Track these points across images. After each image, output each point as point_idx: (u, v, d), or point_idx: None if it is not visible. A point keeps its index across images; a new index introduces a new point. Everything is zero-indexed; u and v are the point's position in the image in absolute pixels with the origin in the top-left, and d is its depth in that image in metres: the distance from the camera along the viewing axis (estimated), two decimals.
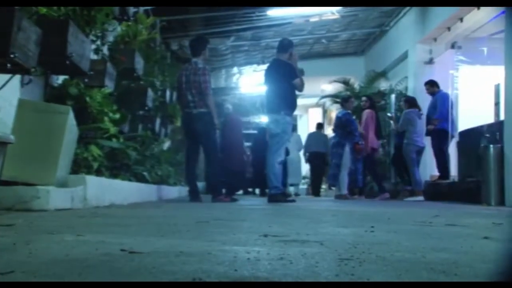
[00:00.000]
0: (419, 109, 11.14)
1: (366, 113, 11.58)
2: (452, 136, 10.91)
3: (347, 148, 10.97)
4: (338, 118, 11.26)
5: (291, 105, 7.91)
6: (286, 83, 7.79)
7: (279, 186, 7.82)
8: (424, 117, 10.99)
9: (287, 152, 10.49)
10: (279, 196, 7.76)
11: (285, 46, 8.10)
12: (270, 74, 8.10)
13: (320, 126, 16.69)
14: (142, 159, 7.73)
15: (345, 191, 11.07)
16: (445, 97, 10.88)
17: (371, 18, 14.90)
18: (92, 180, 4.72)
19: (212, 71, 16.16)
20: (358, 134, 11.19)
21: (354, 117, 11.59)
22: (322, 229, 3.00)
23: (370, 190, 12.58)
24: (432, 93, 10.97)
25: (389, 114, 12.59)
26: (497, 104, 9.72)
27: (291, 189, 16.03)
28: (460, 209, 6.58)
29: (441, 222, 3.79)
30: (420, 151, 11.01)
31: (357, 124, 11.41)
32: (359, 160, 11.46)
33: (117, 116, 6.21)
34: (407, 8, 13.46)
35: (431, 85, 11.05)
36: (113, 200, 5.32)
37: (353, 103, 11.74)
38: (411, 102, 11.28)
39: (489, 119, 9.87)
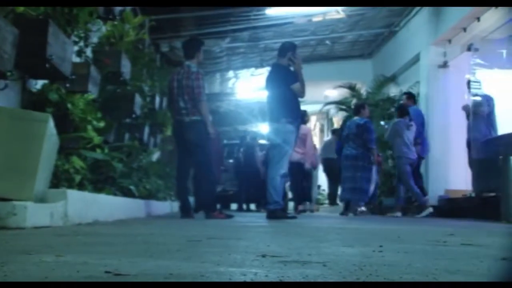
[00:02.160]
0: (410, 119, 11.10)
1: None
2: (422, 158, 11.02)
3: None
4: (359, 125, 11.16)
5: (292, 112, 7.91)
6: (286, 89, 7.81)
7: (279, 201, 7.83)
8: (414, 128, 11.00)
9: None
10: (279, 212, 7.76)
11: (283, 49, 8.14)
12: (269, 80, 8.14)
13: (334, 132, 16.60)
14: (128, 172, 7.72)
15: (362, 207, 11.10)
16: (417, 113, 10.97)
17: (379, 17, 14.94)
18: (73, 195, 4.71)
19: (206, 75, 16.18)
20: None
21: None
22: (325, 249, 3.00)
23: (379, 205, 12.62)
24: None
25: (382, 123, 12.62)
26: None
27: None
28: (477, 226, 6.58)
29: (456, 241, 3.80)
30: (412, 163, 10.98)
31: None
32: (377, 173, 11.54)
33: (102, 124, 6.21)
34: (419, 7, 13.51)
35: (408, 98, 11.15)
36: (96, 217, 5.31)
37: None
38: (402, 111, 11.24)
39: (509, 127, 9.89)
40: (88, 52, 6.91)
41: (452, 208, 10.79)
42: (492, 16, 10.76)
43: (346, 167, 11.19)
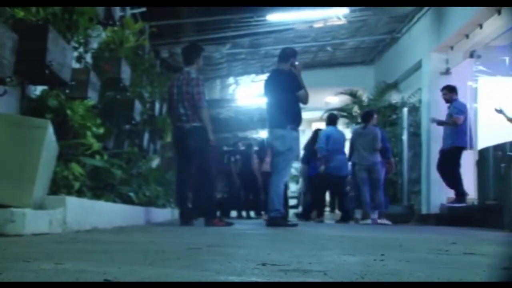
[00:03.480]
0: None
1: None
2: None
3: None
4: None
5: (297, 119, 7.93)
6: (289, 95, 7.81)
7: (280, 209, 7.83)
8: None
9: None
10: (280, 220, 7.76)
11: (286, 55, 8.15)
12: (270, 86, 8.14)
13: None
14: (128, 178, 7.72)
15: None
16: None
17: (381, 24, 14.96)
18: (72, 202, 4.72)
19: (206, 81, 16.17)
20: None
21: None
22: (326, 257, 3.00)
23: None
24: (449, 100, 11.00)
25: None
26: None
27: None
28: (480, 235, 6.58)
29: (458, 250, 3.79)
30: (368, 170, 11.09)
31: None
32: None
33: (101, 130, 6.21)
34: (421, 13, 13.53)
35: (449, 91, 11.06)
36: (95, 224, 5.31)
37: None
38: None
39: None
40: (88, 58, 6.92)
41: (455, 216, 10.78)
42: (494, 23, 10.77)
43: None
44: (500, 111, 10.58)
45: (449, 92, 11.03)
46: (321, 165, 12.23)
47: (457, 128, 10.62)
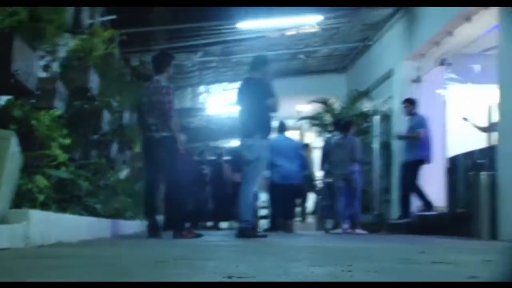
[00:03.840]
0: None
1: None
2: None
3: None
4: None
5: (266, 127, 7.91)
6: (259, 104, 7.81)
7: (250, 220, 7.81)
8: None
9: None
10: (250, 231, 7.74)
11: (257, 63, 8.15)
12: (242, 94, 8.13)
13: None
14: (95, 190, 7.64)
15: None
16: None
17: (354, 31, 15.05)
18: (36, 215, 4.65)
19: (177, 90, 16.15)
20: None
21: None
22: (294, 269, 3.00)
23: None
24: (409, 113, 11.20)
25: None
26: (490, 127, 9.87)
27: None
28: (449, 243, 6.64)
29: (426, 259, 3.82)
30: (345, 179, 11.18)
31: None
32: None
33: (68, 141, 6.15)
34: (393, 20, 13.63)
35: (411, 103, 11.27)
36: (60, 237, 5.24)
37: None
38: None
39: (481, 143, 10.01)
40: (55, 66, 6.86)
41: (425, 224, 10.85)
42: (465, 31, 10.90)
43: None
44: (467, 120, 10.73)
45: (410, 105, 11.29)
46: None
47: (419, 142, 10.81)
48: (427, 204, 11.12)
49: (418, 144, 10.87)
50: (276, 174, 11.85)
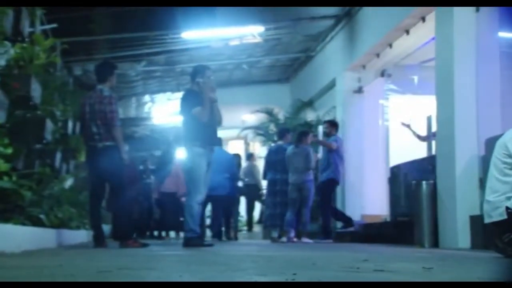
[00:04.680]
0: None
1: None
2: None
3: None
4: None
5: (199, 136, 7.83)
6: (187, 114, 7.84)
7: (195, 229, 7.79)
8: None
9: None
10: (196, 240, 7.72)
11: (193, 73, 8.15)
12: (180, 105, 8.13)
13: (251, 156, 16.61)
14: (38, 200, 7.51)
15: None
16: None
17: (295, 42, 15.19)
18: None
19: (121, 100, 16.02)
20: None
21: None
22: (238, 278, 3.01)
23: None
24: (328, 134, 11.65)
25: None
26: (429, 136, 10.08)
27: None
28: (391, 252, 6.74)
29: (369, 267, 3.87)
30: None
31: None
32: None
33: (9, 150, 6.05)
34: (334, 32, 13.82)
35: (331, 125, 11.60)
36: (3, 248, 5.14)
37: None
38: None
39: (421, 153, 10.21)
40: None
41: (369, 233, 11.01)
42: (404, 43, 11.13)
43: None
44: (407, 126, 10.96)
45: (331, 126, 11.67)
46: None
47: (331, 162, 11.14)
48: (347, 221, 11.53)
49: (330, 164, 11.25)
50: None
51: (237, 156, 15.17)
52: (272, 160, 11.66)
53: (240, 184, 14.28)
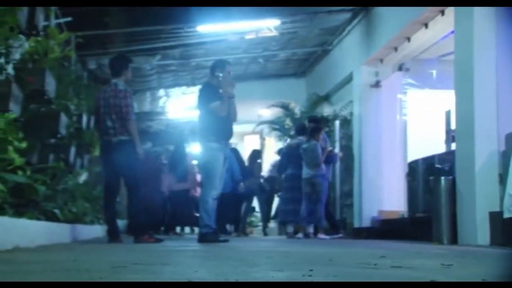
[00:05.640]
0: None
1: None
2: None
3: None
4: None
5: (214, 131, 7.85)
6: (204, 109, 7.87)
7: (210, 224, 7.80)
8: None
9: None
10: (211, 236, 7.73)
11: (212, 68, 8.19)
12: (197, 100, 8.17)
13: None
14: (53, 195, 7.56)
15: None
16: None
17: (312, 36, 15.12)
18: None
19: (136, 94, 16.05)
20: None
21: None
22: (254, 274, 3.01)
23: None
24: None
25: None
26: (448, 132, 10.02)
27: None
28: (409, 248, 6.72)
29: (386, 263, 3.86)
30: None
31: None
32: None
33: (24, 145, 6.07)
34: (351, 25, 13.76)
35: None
36: (17, 243, 5.17)
37: None
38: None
39: (440, 148, 10.16)
40: (10, 69, 6.75)
41: (386, 229, 10.98)
42: (422, 36, 11.05)
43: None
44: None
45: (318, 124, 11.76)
46: None
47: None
48: (335, 227, 11.59)
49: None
50: None
51: (257, 152, 15.22)
52: (293, 155, 11.66)
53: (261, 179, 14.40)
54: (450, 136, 9.82)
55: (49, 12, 8.93)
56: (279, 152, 14.18)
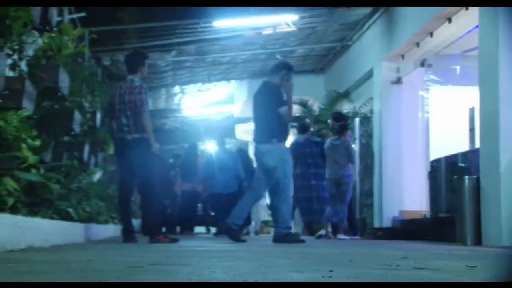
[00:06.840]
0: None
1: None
2: None
3: None
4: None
5: (282, 132, 8.04)
6: (272, 110, 7.94)
7: (289, 225, 8.01)
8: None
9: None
10: (291, 237, 7.87)
11: (277, 67, 8.35)
12: (257, 99, 8.23)
13: None
14: (67, 193, 7.60)
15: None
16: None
17: (330, 31, 15.06)
18: (5, 219, 4.61)
19: (150, 91, 16.05)
20: None
21: None
22: (272, 274, 3.00)
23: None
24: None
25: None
26: (472, 129, 9.95)
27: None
28: (432, 249, 6.68)
29: (408, 265, 3.84)
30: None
31: None
32: None
33: (37, 143, 6.11)
34: (372, 20, 13.70)
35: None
36: (31, 242, 5.20)
37: None
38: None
39: (464, 146, 10.09)
40: (23, 65, 6.79)
41: (407, 229, 10.92)
42: (445, 32, 10.97)
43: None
44: None
45: (334, 121, 11.88)
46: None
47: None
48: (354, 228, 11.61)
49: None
50: (213, 185, 13.46)
51: None
52: (302, 153, 11.63)
53: None
54: (474, 134, 9.76)
55: (63, 8, 8.97)
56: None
